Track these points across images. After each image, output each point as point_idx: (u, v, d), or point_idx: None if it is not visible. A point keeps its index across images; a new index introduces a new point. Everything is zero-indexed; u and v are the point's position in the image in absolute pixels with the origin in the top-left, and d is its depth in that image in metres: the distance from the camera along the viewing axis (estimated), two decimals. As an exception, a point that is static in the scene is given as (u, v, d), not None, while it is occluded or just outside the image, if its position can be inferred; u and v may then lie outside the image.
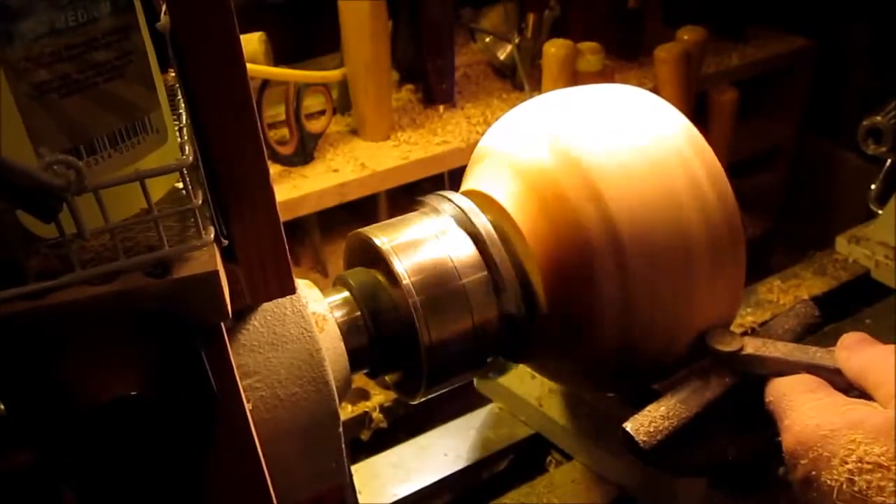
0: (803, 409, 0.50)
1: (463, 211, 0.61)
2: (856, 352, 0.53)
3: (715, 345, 0.57)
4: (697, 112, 1.20)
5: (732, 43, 1.36)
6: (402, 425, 0.89)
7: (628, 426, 0.54)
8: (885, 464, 0.44)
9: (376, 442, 0.88)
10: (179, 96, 0.45)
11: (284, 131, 1.05)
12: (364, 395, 0.94)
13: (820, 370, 0.54)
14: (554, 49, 1.09)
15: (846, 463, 0.45)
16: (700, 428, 0.57)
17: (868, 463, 0.45)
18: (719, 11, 1.35)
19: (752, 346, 0.57)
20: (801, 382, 0.53)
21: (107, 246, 0.39)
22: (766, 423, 0.53)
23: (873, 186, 1.03)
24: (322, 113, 1.11)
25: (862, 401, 0.49)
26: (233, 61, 0.37)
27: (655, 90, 1.09)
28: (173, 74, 0.46)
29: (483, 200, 0.62)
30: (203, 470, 0.42)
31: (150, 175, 0.37)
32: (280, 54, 1.05)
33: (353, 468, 0.70)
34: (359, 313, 0.57)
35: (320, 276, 1.18)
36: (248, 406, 0.45)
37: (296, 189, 1.01)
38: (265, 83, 0.99)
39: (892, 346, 0.52)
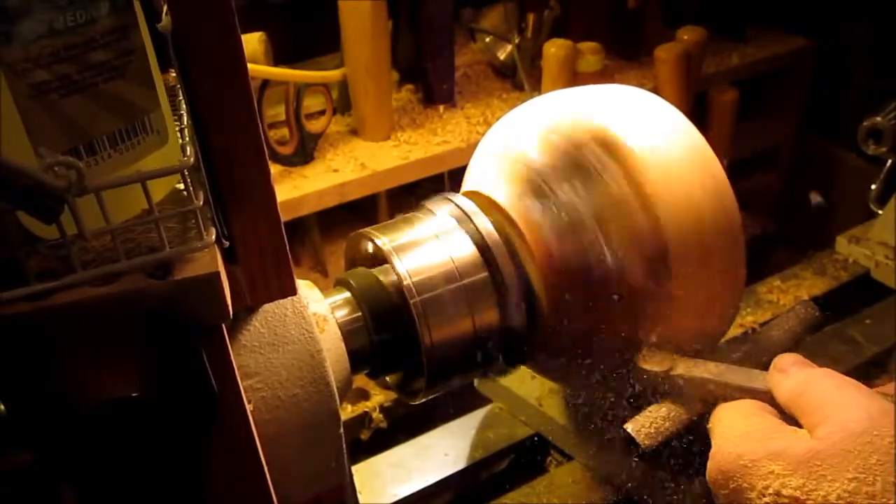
0: (731, 435, 0.48)
1: (464, 211, 0.61)
2: (788, 375, 0.50)
3: (643, 364, 0.56)
4: (697, 112, 1.20)
5: (732, 43, 1.36)
6: (402, 425, 0.88)
7: (629, 427, 0.54)
8: (802, 498, 0.42)
9: (376, 442, 0.88)
10: (180, 97, 0.45)
11: (284, 131, 1.05)
12: (364, 395, 0.94)
13: (752, 393, 0.52)
14: (554, 49, 1.09)
15: (763, 496, 0.43)
16: (701, 429, 0.57)
17: (785, 497, 0.43)
18: (719, 11, 1.35)
19: (682, 367, 0.55)
20: (737, 407, 0.51)
21: (108, 247, 0.39)
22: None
23: (873, 186, 1.03)
24: (322, 113, 1.11)
25: (793, 428, 0.47)
26: (234, 62, 0.37)
27: (655, 90, 1.09)
28: (174, 74, 0.46)
29: (484, 201, 0.62)
30: (203, 470, 0.42)
31: (151, 176, 0.37)
32: (280, 54, 1.05)
33: (353, 468, 0.70)
34: (359, 314, 0.57)
35: (320, 277, 1.18)
36: (248, 407, 0.45)
37: (296, 189, 1.01)
38: (265, 83, 0.99)
39: (825, 370, 0.49)
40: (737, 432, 0.48)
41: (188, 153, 0.39)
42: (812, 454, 0.43)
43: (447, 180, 1.12)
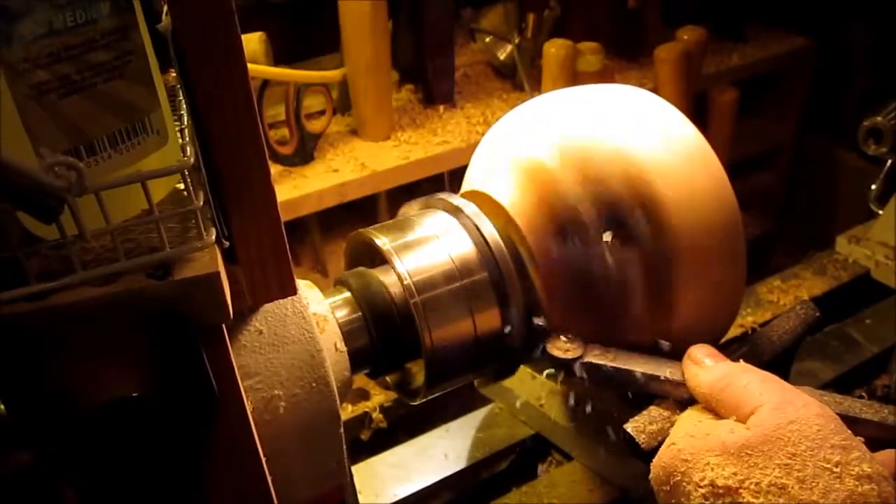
0: (676, 436, 0.49)
1: (464, 211, 0.61)
2: (704, 367, 0.51)
3: (552, 351, 0.57)
4: (697, 112, 1.20)
5: (732, 43, 1.36)
6: (402, 425, 0.89)
7: (629, 427, 0.54)
8: (734, 486, 0.43)
9: (376, 442, 0.88)
10: (180, 97, 0.45)
11: (284, 131, 1.05)
12: (364, 395, 0.94)
13: (663, 383, 0.53)
14: (554, 49, 1.09)
15: (700, 487, 0.44)
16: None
17: (719, 487, 0.44)
18: (719, 11, 1.35)
19: (591, 355, 0.56)
20: (690, 413, 0.52)
21: (108, 247, 0.39)
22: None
23: (873, 186, 1.03)
24: (322, 113, 1.11)
25: (731, 422, 0.48)
26: (234, 62, 0.37)
27: (655, 90, 1.09)
28: (174, 75, 0.46)
29: (484, 201, 0.62)
30: (204, 470, 0.42)
31: (151, 176, 0.37)
32: (280, 54, 1.05)
33: (353, 468, 0.69)
34: (360, 314, 0.57)
35: (320, 277, 1.18)
36: (248, 407, 0.45)
37: (296, 189, 1.01)
38: (265, 83, 0.99)
39: (742, 364, 0.51)
40: (681, 433, 0.49)
41: (188, 153, 0.39)
42: (743, 443, 0.45)
43: (447, 180, 1.12)
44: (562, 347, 0.57)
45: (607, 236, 0.55)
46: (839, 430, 0.45)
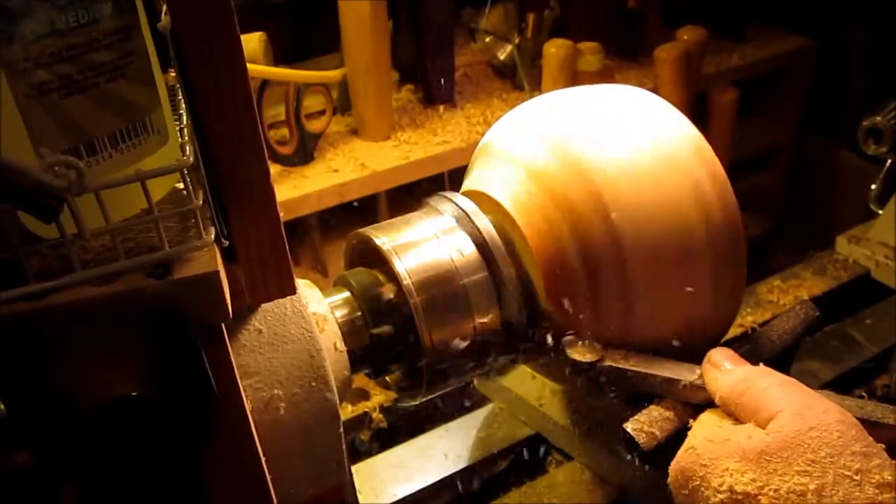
0: (694, 440, 0.49)
1: (464, 211, 0.61)
2: (723, 371, 0.51)
3: (572, 354, 0.57)
4: (697, 112, 1.20)
5: (732, 43, 1.36)
6: (402, 425, 0.89)
7: (629, 426, 0.54)
8: (753, 492, 0.43)
9: (376, 442, 0.88)
10: (180, 96, 0.45)
11: (284, 131, 1.05)
12: (364, 395, 0.94)
13: (682, 386, 0.53)
14: (554, 49, 1.09)
15: (719, 493, 0.44)
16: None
17: (738, 493, 0.44)
18: (719, 11, 1.35)
19: (611, 358, 0.57)
20: (709, 416, 0.51)
21: (107, 246, 0.39)
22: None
23: (873, 186, 1.03)
24: (322, 113, 1.11)
25: (750, 426, 0.47)
26: (233, 62, 0.37)
27: (655, 90, 1.09)
28: (174, 74, 0.46)
29: (484, 200, 0.62)
30: (204, 470, 0.42)
31: (151, 176, 0.37)
32: (280, 54, 1.05)
33: (353, 468, 0.69)
34: (359, 314, 0.57)
35: (320, 276, 1.18)
36: (248, 407, 0.45)
37: (296, 189, 1.01)
38: (265, 83, 0.99)
39: (762, 368, 0.50)
40: (700, 437, 0.49)
41: (188, 152, 0.39)
42: (762, 449, 0.44)
43: (447, 180, 1.12)
44: (581, 351, 0.57)
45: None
46: (860, 437, 0.44)
